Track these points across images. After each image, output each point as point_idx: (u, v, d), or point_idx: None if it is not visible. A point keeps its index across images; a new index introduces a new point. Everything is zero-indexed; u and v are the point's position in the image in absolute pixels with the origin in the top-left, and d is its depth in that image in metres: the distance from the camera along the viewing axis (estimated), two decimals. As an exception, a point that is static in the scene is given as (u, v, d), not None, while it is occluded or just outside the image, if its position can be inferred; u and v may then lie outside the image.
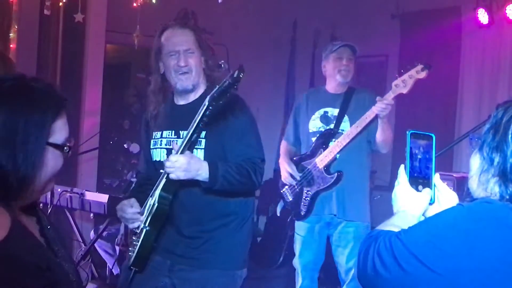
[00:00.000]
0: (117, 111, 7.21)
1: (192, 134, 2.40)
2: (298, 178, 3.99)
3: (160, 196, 2.51)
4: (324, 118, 4.00)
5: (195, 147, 2.60)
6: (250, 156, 2.62)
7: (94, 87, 5.79)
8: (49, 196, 4.41)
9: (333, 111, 3.98)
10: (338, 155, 3.86)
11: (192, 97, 2.74)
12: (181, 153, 2.43)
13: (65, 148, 1.44)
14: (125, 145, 4.98)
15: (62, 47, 5.67)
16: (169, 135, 2.74)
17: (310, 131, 4.02)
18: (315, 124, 4.01)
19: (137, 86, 7.54)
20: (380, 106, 3.62)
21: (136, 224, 2.65)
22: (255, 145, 2.69)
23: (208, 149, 2.61)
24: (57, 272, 1.39)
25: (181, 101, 2.77)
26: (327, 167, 3.88)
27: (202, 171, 2.45)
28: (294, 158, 4.08)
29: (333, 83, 4.05)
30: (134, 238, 2.69)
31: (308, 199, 3.95)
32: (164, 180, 2.52)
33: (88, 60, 5.76)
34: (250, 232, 2.79)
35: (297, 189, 4.01)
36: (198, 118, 2.36)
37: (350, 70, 3.99)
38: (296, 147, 4.15)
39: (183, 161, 2.39)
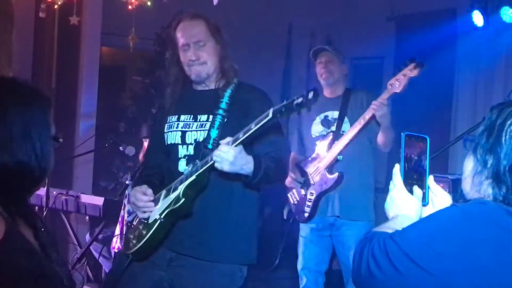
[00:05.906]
0: (113, 114, 7.19)
1: (247, 137, 2.38)
2: (302, 181, 4.03)
3: (186, 193, 2.51)
4: (325, 122, 4.05)
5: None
6: (282, 148, 2.72)
7: (90, 90, 5.79)
8: (45, 199, 4.40)
9: (333, 114, 4.03)
10: (340, 157, 3.90)
11: (213, 85, 2.78)
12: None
13: (60, 139, 1.49)
14: (120, 147, 4.95)
15: (58, 50, 5.66)
16: (186, 119, 2.75)
17: (313, 136, 4.07)
18: (317, 129, 4.05)
19: (132, 88, 7.53)
20: (375, 105, 3.67)
21: (146, 215, 2.62)
22: (283, 136, 2.80)
23: (226, 128, 2.63)
24: (52, 278, 1.39)
25: (199, 87, 2.81)
26: (329, 169, 3.92)
27: (247, 166, 2.47)
28: (299, 163, 4.10)
29: (326, 88, 4.11)
30: (140, 226, 2.64)
31: (311, 202, 3.97)
32: (194, 177, 2.51)
33: (83, 63, 5.75)
34: (255, 226, 2.81)
35: (302, 192, 4.04)
36: (256, 126, 2.33)
37: (331, 71, 4.06)
38: (302, 153, 4.17)
39: (231, 154, 2.39)
